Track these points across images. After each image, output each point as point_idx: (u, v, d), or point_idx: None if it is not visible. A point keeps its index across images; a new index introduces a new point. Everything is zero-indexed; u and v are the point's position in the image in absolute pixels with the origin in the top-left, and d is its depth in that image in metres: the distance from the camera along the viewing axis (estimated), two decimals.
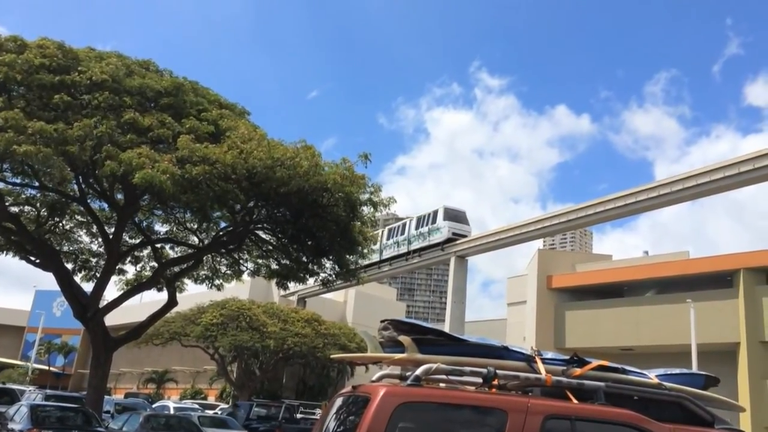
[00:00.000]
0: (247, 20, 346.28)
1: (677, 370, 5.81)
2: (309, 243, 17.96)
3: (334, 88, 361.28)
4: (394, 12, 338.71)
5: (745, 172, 28.09)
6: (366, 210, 17.14)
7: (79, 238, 21.88)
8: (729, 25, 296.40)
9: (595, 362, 5.23)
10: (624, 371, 5.35)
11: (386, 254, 48.84)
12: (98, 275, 20.49)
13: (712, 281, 33.15)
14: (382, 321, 5.14)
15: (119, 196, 18.52)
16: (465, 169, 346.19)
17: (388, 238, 49.25)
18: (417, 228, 46.26)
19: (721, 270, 33.06)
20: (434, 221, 44.56)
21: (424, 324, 5.12)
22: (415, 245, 46.01)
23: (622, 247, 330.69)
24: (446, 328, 36.42)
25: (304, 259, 18.82)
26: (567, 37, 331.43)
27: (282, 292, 49.48)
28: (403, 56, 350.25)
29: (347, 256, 18.21)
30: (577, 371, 5.05)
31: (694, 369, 22.13)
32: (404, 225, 48.53)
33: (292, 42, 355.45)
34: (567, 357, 5.34)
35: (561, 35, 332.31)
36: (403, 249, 47.33)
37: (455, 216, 44.60)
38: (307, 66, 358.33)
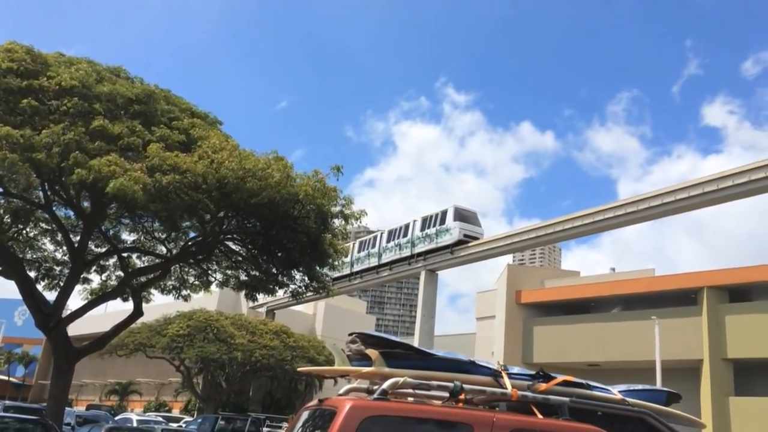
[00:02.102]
0: (216, 29, 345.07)
1: (640, 386, 5.91)
2: (279, 254, 17.85)
3: (303, 99, 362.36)
4: (362, 25, 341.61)
5: (709, 192, 28.77)
6: (337, 222, 17.14)
7: (43, 246, 21.40)
8: (689, 46, 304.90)
9: (560, 378, 5.29)
10: (588, 387, 5.42)
11: (386, 258, 46.00)
12: (62, 284, 20.06)
13: (677, 299, 33.78)
14: (350, 334, 5.15)
15: (86, 204, 18.21)
16: (432, 183, 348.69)
17: (388, 241, 46.35)
18: (423, 229, 43.28)
19: (685, 288, 33.71)
20: (443, 222, 41.70)
21: (392, 338, 5.14)
22: (420, 248, 43.06)
23: (586, 263, 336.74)
24: (415, 342, 36.41)
25: (274, 270, 18.69)
26: (530, 54, 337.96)
27: (251, 304, 48.90)
28: (371, 69, 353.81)
29: (317, 268, 18.16)
30: (543, 386, 5.11)
31: (658, 385, 22.47)
32: (407, 226, 45.38)
33: (261, 52, 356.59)
34: (533, 372, 5.40)
35: (524, 53, 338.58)
36: (406, 252, 44.23)
37: (466, 216, 41.95)
38: (277, 76, 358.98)
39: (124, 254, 20.61)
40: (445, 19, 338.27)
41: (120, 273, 20.88)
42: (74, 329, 21.10)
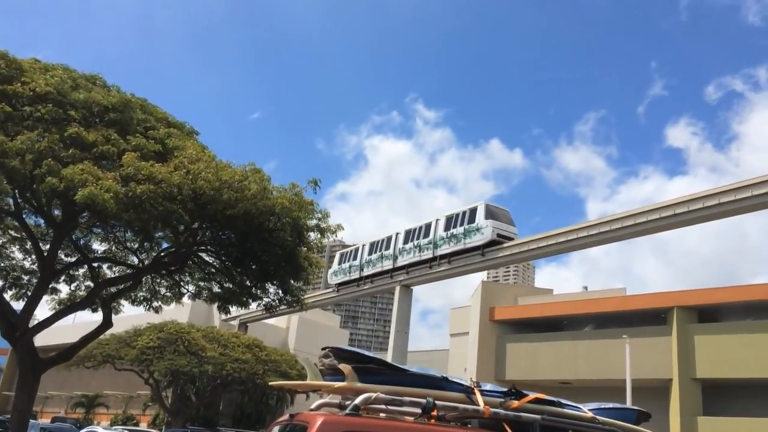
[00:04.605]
0: (188, 38, 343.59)
1: (611, 405, 5.96)
2: (253, 267, 17.71)
3: (277, 111, 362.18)
4: (335, 37, 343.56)
5: (680, 214, 29.25)
6: (313, 236, 17.08)
7: (12, 254, 20.98)
8: (654, 67, 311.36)
9: (532, 395, 5.31)
10: (560, 404, 5.45)
11: (402, 260, 42.52)
12: (30, 293, 19.66)
13: (648, 318, 34.20)
14: (323, 348, 5.12)
15: (57, 212, 17.92)
16: (403, 198, 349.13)
17: (405, 242, 42.81)
18: (447, 229, 39.68)
19: (655, 307, 34.15)
20: (472, 220, 38.25)
21: (366, 353, 5.12)
22: (444, 249, 39.52)
23: (556, 280, 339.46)
24: (389, 357, 36.28)
25: (248, 283, 18.54)
26: (499, 73, 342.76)
27: (223, 317, 48.19)
28: (343, 82, 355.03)
29: (292, 282, 18.06)
30: (515, 404, 5.12)
31: (629, 404, 22.67)
32: (428, 226, 41.68)
33: (234, 63, 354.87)
34: (505, 389, 5.41)
35: (492, 71, 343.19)
36: (427, 254, 40.61)
37: (498, 214, 38.42)
38: (250, 88, 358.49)
39: (95, 264, 20.30)
40: (414, 35, 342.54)
41: (90, 283, 20.53)
42: (41, 340, 20.65)
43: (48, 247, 18.76)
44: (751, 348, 29.75)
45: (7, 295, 19.95)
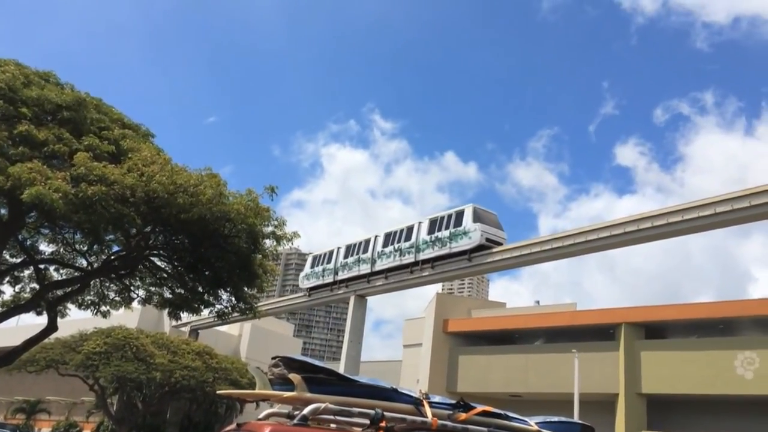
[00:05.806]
0: (145, 39, 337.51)
1: (555, 418, 6.06)
2: (206, 273, 17.49)
3: (233, 116, 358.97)
4: (293, 44, 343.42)
5: (629, 233, 30.04)
6: (269, 243, 16.97)
7: None
8: (606, 87, 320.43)
9: (480, 408, 5.37)
10: (507, 417, 5.52)
11: (381, 265, 40.65)
12: None
13: (596, 333, 34.90)
14: (273, 358, 5.08)
15: (3, 211, 17.39)
16: (358, 207, 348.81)
17: (384, 245, 40.83)
18: (431, 232, 38.13)
19: (604, 323, 34.87)
20: (458, 223, 36.82)
21: (316, 362, 5.09)
22: (428, 254, 37.94)
23: (507, 293, 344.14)
24: (342, 367, 36.11)
25: (200, 289, 18.28)
26: (455, 88, 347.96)
27: (174, 323, 47.41)
28: (301, 90, 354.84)
29: (245, 289, 17.87)
30: (463, 416, 5.16)
31: (576, 418, 23.05)
32: (410, 229, 39.80)
33: (191, 66, 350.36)
34: (454, 401, 5.46)
35: (448, 85, 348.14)
36: (408, 258, 38.90)
37: (486, 218, 37.04)
38: (206, 91, 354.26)
39: (41, 266, 19.74)
40: (372, 45, 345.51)
41: (35, 285, 19.95)
42: None
43: None
44: (694, 365, 30.65)
45: None
